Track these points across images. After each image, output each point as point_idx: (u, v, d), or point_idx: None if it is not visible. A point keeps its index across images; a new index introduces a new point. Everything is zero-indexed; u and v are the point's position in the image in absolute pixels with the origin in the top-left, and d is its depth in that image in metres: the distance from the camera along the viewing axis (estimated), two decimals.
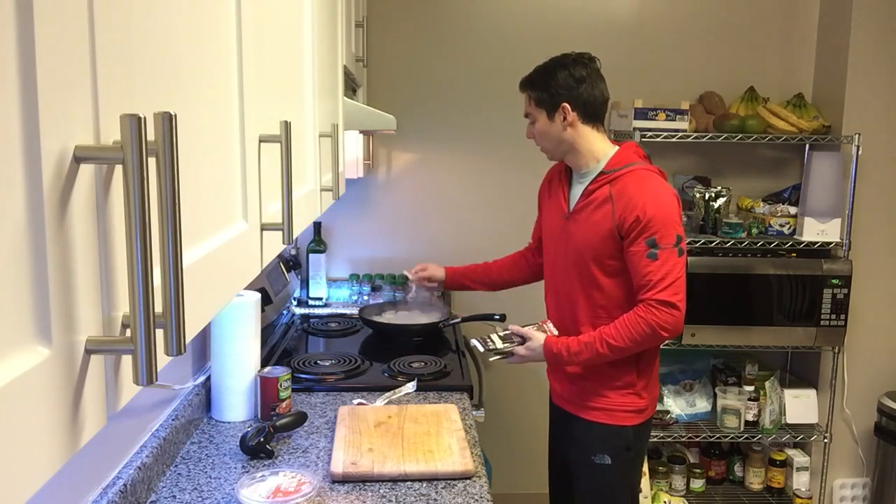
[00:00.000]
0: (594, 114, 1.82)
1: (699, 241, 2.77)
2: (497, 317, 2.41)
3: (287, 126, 0.88)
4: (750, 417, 2.79)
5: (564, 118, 1.80)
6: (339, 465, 1.48)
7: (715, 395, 2.87)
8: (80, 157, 0.41)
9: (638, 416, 1.86)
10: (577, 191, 1.87)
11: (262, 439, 1.55)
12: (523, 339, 1.85)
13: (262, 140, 0.86)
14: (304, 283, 2.84)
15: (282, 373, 1.76)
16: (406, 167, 2.98)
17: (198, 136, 0.63)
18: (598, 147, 1.83)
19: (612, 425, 1.85)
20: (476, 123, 2.95)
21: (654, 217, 1.70)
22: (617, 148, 1.84)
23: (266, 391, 1.75)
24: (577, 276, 1.85)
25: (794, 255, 2.79)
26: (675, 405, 2.86)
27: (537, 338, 1.83)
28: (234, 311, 1.74)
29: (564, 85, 1.79)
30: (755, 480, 2.95)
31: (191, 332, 0.57)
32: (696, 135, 2.75)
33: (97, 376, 0.44)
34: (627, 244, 1.74)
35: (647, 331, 1.71)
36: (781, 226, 2.80)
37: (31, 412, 0.36)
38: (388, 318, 2.57)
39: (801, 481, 2.92)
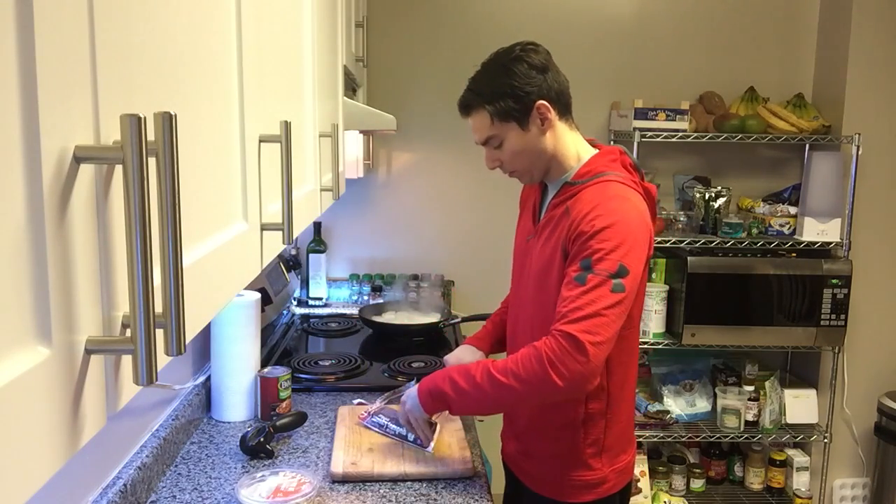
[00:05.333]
0: (567, 104, 1.47)
1: (699, 241, 2.78)
2: None
3: (287, 126, 0.88)
4: (750, 417, 2.79)
5: (542, 121, 1.42)
6: (339, 465, 1.48)
7: (715, 395, 2.87)
8: (80, 157, 0.41)
9: (589, 491, 1.47)
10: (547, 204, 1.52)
11: (262, 439, 1.55)
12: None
13: (262, 140, 0.86)
14: (304, 283, 2.84)
15: (282, 373, 1.76)
16: (406, 167, 2.98)
17: (198, 136, 0.63)
18: (580, 145, 1.49)
19: (555, 500, 1.49)
20: None
21: (599, 233, 1.31)
22: (595, 151, 1.50)
23: (266, 391, 1.75)
24: (530, 310, 1.49)
25: (794, 255, 2.79)
26: (675, 405, 2.86)
27: (411, 389, 1.49)
28: (234, 311, 1.74)
29: (529, 79, 1.40)
30: (755, 480, 2.95)
31: (191, 332, 0.57)
32: (696, 135, 2.75)
33: (97, 376, 0.44)
34: (567, 263, 1.37)
35: (538, 369, 1.27)
36: (781, 226, 2.80)
37: (31, 412, 0.36)
38: (388, 318, 2.57)
39: (801, 481, 2.92)
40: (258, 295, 1.82)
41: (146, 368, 0.43)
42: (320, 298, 2.81)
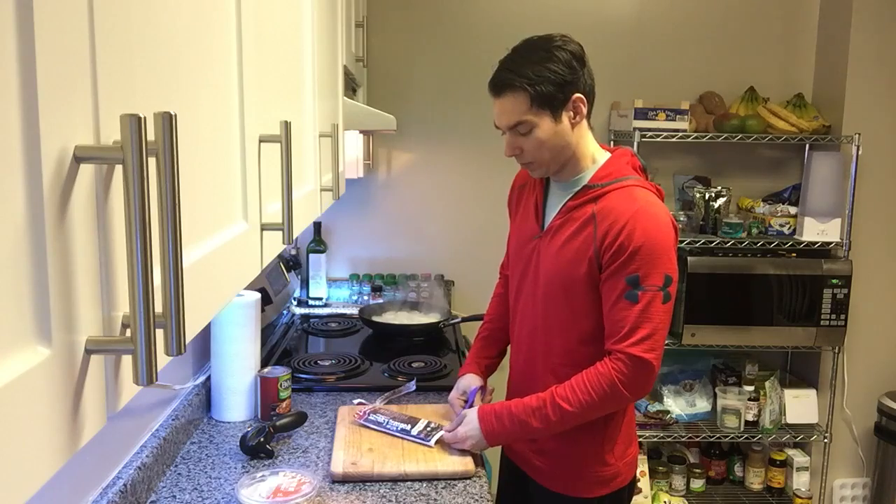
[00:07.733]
0: (592, 103, 1.46)
1: (699, 241, 2.78)
2: None
3: (287, 126, 0.88)
4: (750, 417, 2.79)
5: (575, 115, 1.42)
6: (339, 465, 1.48)
7: (715, 395, 2.87)
8: (80, 157, 0.41)
9: (603, 486, 1.52)
10: (555, 204, 1.51)
11: (262, 439, 1.55)
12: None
13: (262, 140, 0.86)
14: (304, 283, 2.84)
15: (282, 373, 1.76)
16: (406, 167, 2.98)
17: (198, 136, 0.63)
18: (595, 147, 1.49)
19: (569, 496, 1.53)
20: (476, 123, 2.95)
21: (641, 248, 1.35)
22: (608, 155, 1.50)
23: (266, 391, 1.75)
24: (543, 311, 1.50)
25: (794, 255, 2.79)
26: (675, 405, 2.86)
27: (470, 412, 1.53)
28: (234, 311, 1.74)
29: (571, 69, 1.39)
30: (755, 480, 2.95)
31: (191, 332, 0.57)
32: (696, 135, 2.75)
33: (97, 376, 0.44)
34: (605, 277, 1.40)
35: (608, 390, 1.38)
36: (781, 226, 2.80)
37: (31, 412, 0.36)
38: (388, 318, 2.57)
39: (801, 481, 2.92)
40: (258, 295, 1.82)
41: (146, 368, 0.43)
42: (320, 298, 2.81)
